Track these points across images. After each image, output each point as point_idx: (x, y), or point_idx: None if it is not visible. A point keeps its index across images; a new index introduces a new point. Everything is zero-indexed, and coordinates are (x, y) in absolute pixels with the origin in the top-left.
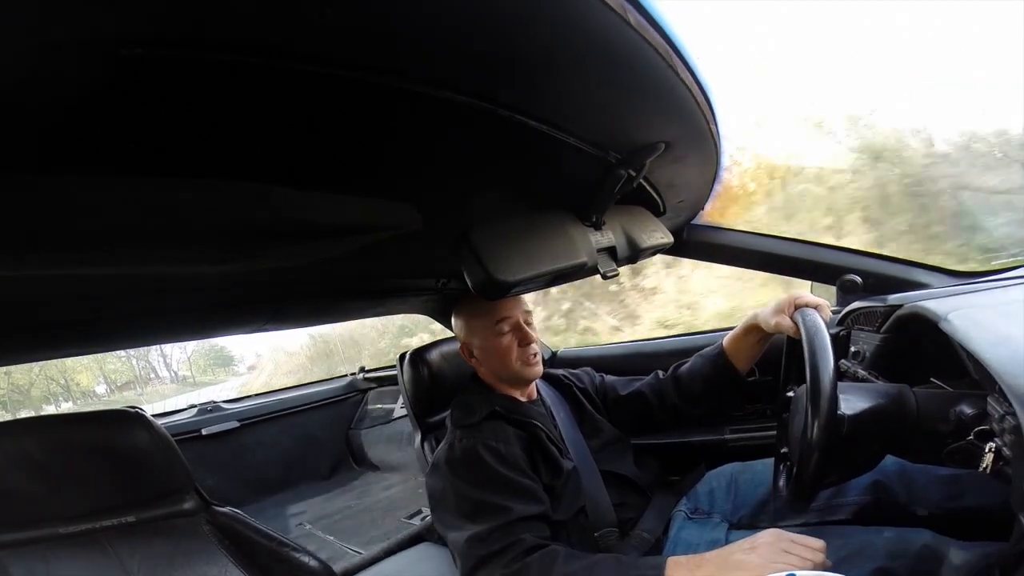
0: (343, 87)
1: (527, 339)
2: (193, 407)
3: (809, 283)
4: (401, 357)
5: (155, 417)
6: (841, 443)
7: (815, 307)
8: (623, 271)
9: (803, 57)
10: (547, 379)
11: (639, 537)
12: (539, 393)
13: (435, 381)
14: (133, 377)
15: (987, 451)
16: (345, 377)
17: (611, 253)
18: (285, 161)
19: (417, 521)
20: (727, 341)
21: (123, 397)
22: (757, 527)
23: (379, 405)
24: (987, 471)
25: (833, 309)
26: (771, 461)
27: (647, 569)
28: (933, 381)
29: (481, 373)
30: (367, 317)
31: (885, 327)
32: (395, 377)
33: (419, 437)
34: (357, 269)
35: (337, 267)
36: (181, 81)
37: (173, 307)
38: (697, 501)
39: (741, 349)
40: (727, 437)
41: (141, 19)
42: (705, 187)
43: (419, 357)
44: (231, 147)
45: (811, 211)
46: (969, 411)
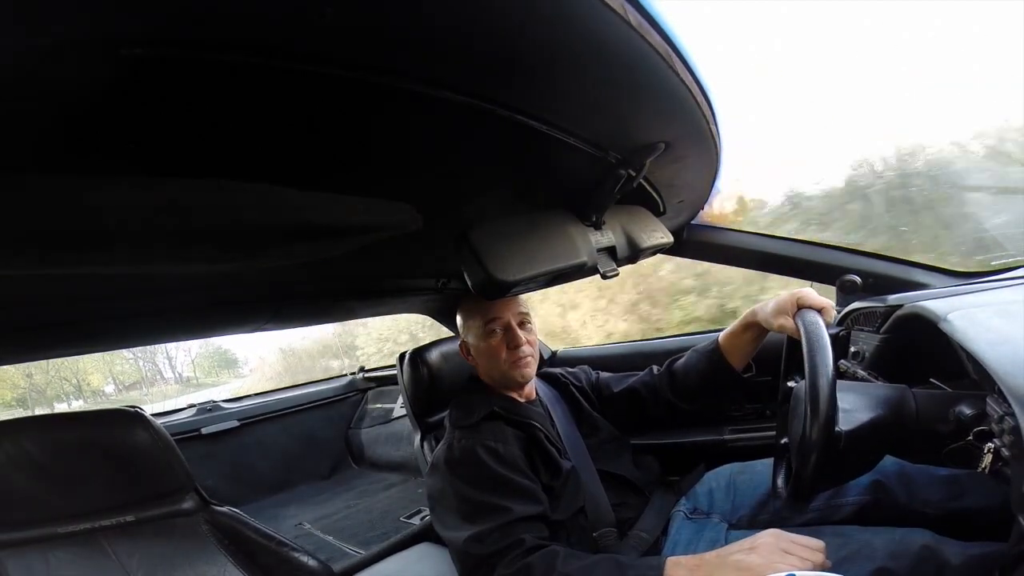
0: (343, 87)
1: (516, 341)
2: (193, 407)
3: (809, 283)
4: (401, 357)
5: (155, 417)
6: (839, 454)
7: (819, 308)
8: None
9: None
10: (545, 378)
11: (638, 537)
12: (537, 393)
13: (434, 381)
14: (139, 378)
15: (986, 451)
16: (345, 377)
17: (611, 253)
18: (285, 161)
19: (416, 521)
20: (723, 337)
21: (129, 396)
22: (756, 527)
23: (379, 405)
24: (986, 471)
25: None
26: (770, 462)
27: (646, 569)
28: (932, 381)
29: (479, 373)
30: (367, 317)
31: (885, 327)
32: (395, 377)
33: (418, 437)
34: (357, 269)
35: (337, 267)
36: (181, 81)
37: (173, 307)
38: (696, 501)
39: (737, 345)
40: (726, 437)
41: (141, 19)
42: (705, 187)
43: (419, 357)
44: (231, 147)
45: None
46: (968, 411)
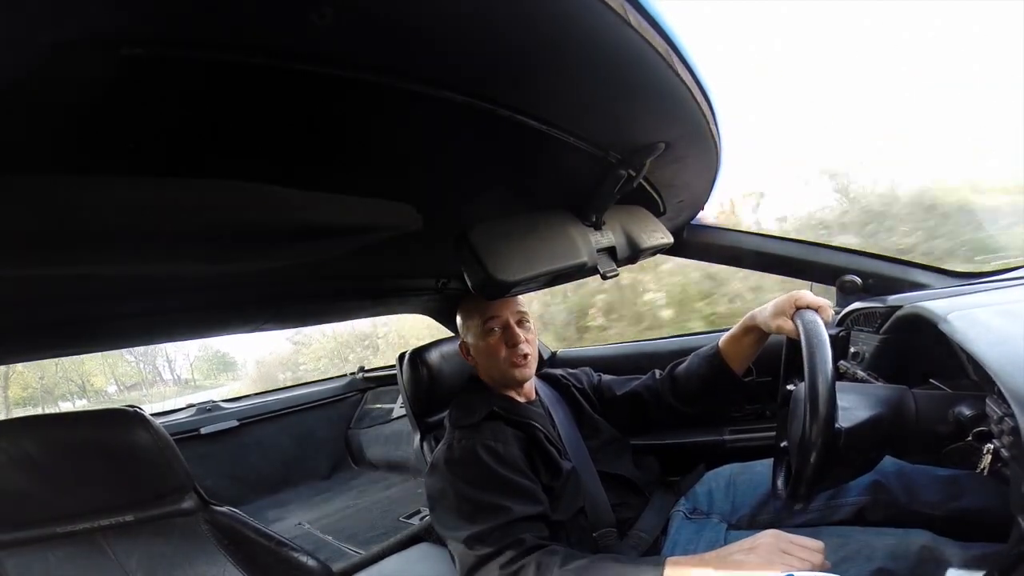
0: (343, 87)
1: (514, 340)
2: (192, 406)
3: (809, 284)
4: (401, 357)
5: (154, 416)
6: (839, 453)
7: (816, 308)
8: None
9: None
10: (545, 379)
11: (637, 537)
12: (537, 394)
13: (434, 381)
14: (140, 379)
15: (985, 452)
16: (344, 376)
17: (611, 253)
18: (285, 161)
19: (416, 521)
20: (723, 341)
21: (130, 397)
22: (756, 528)
23: (378, 405)
24: (985, 472)
25: (833, 309)
26: (770, 462)
27: (646, 569)
28: (932, 382)
29: (479, 373)
30: (367, 317)
31: (885, 328)
32: (394, 377)
33: (418, 437)
34: (357, 269)
35: (337, 267)
36: (181, 81)
37: (173, 307)
38: (696, 501)
39: (738, 349)
40: (726, 438)
41: (141, 19)
42: (705, 187)
43: (418, 357)
44: (231, 147)
45: None
46: (968, 412)
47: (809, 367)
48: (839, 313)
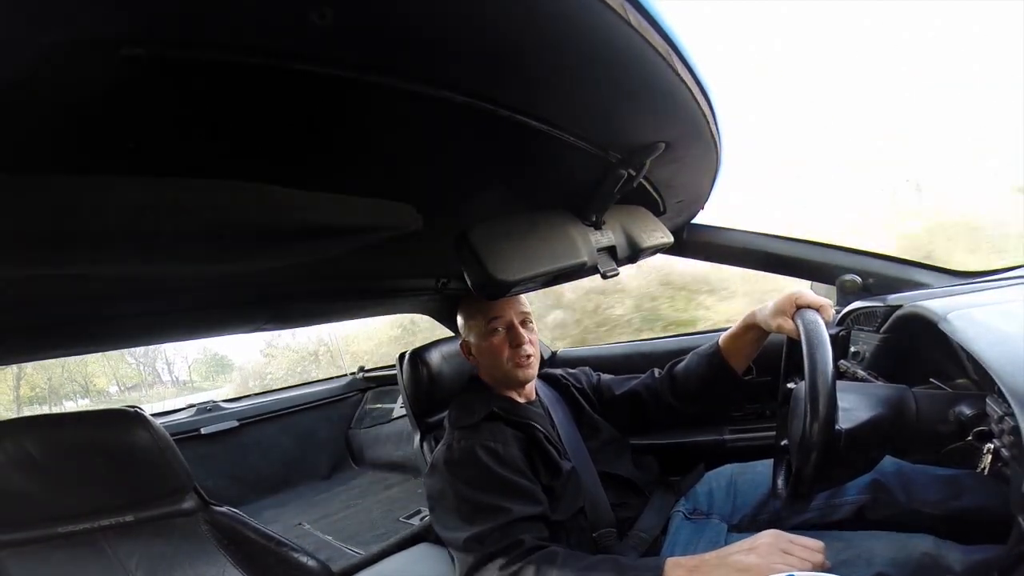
0: (343, 87)
1: (519, 340)
2: (192, 407)
3: (809, 283)
4: (401, 357)
5: (154, 416)
6: (839, 453)
7: (817, 307)
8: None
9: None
10: (545, 379)
11: (637, 537)
12: (537, 394)
13: (434, 381)
14: (140, 381)
15: (986, 452)
16: (345, 376)
17: (611, 253)
18: (285, 161)
19: (416, 521)
20: (723, 340)
21: (130, 397)
22: (756, 528)
23: (378, 405)
24: (985, 471)
25: (833, 309)
26: (770, 462)
27: (645, 570)
28: (932, 381)
29: (480, 373)
30: (367, 317)
31: (885, 327)
32: (394, 377)
33: (418, 437)
34: (357, 269)
35: (337, 267)
36: (181, 81)
37: (173, 307)
38: (696, 502)
39: (737, 348)
40: (726, 438)
41: (142, 19)
42: (705, 187)
43: (419, 357)
44: (231, 147)
45: None
46: (968, 412)
47: (809, 367)
48: (839, 312)
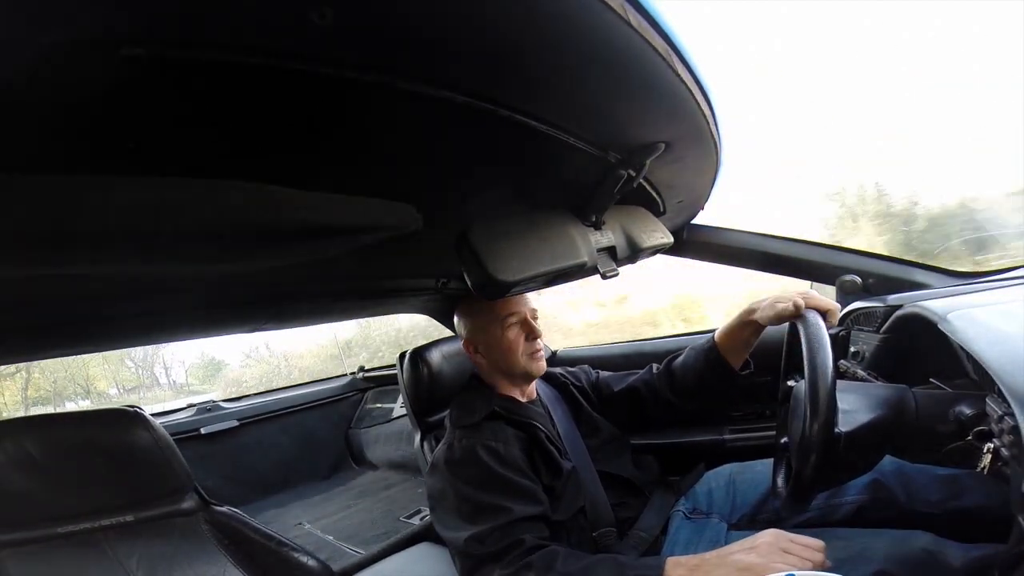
0: (343, 87)
1: (534, 333)
2: (192, 406)
3: (809, 283)
4: (401, 356)
5: (154, 416)
6: (839, 455)
7: (825, 310)
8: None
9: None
10: (545, 378)
11: (637, 537)
12: (538, 393)
13: (435, 380)
14: (139, 383)
15: (985, 451)
16: (345, 376)
17: (611, 253)
18: (285, 161)
19: (416, 521)
20: (719, 335)
21: (129, 398)
22: (756, 527)
23: (379, 404)
24: (985, 471)
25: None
26: (770, 462)
27: (646, 569)
28: (932, 381)
29: (483, 372)
30: (367, 317)
31: (885, 327)
32: (395, 376)
33: (419, 436)
34: (357, 269)
35: (337, 267)
36: (181, 81)
37: (173, 307)
38: (696, 501)
39: (733, 343)
40: (726, 437)
41: (142, 19)
42: (705, 187)
43: (419, 356)
44: (231, 147)
45: None
46: (968, 411)
47: (810, 370)
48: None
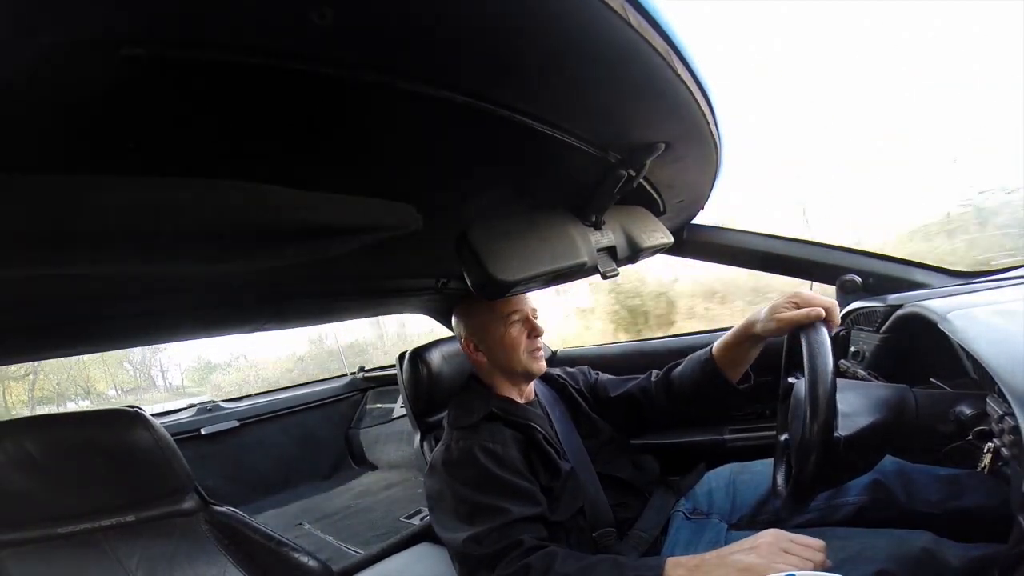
0: (343, 87)
1: (536, 331)
2: (192, 406)
3: (809, 283)
4: (401, 356)
5: (155, 416)
6: (839, 456)
7: (826, 308)
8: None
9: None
10: (543, 379)
11: (637, 537)
12: (536, 394)
13: (434, 381)
14: (136, 385)
15: (986, 451)
16: (345, 376)
17: (611, 253)
18: (285, 161)
19: (416, 521)
20: (716, 348)
21: (127, 399)
22: (756, 527)
23: (379, 404)
24: (986, 471)
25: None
26: (770, 462)
27: (646, 569)
28: (932, 381)
29: (482, 371)
30: (367, 317)
31: (885, 327)
32: (394, 376)
33: (418, 437)
34: (357, 269)
35: (337, 267)
36: (181, 81)
37: (173, 307)
38: (696, 501)
39: (732, 358)
40: (726, 437)
41: (142, 19)
42: (705, 187)
43: (419, 357)
44: (231, 147)
45: None
46: (968, 411)
47: (810, 373)
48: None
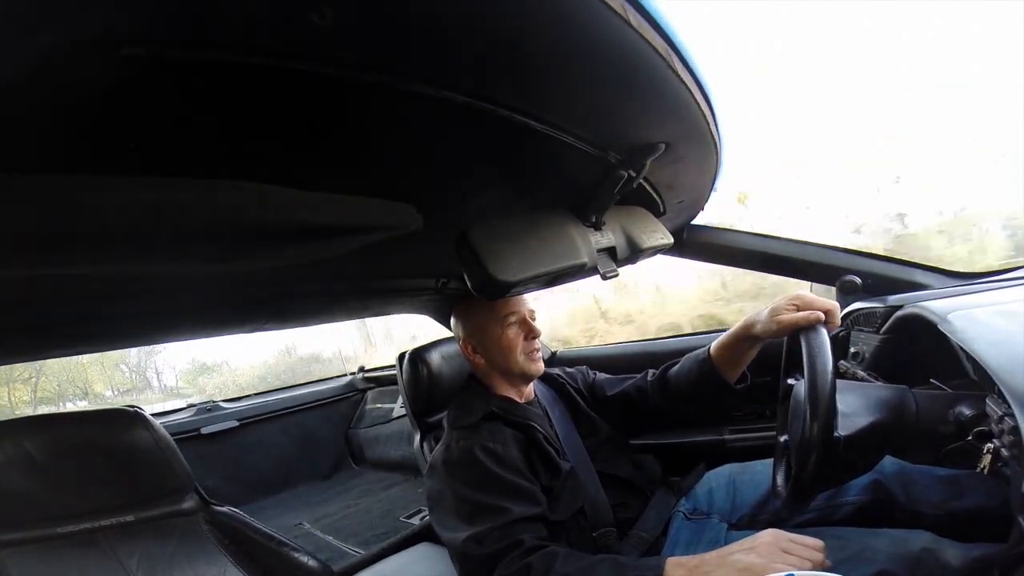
0: (343, 87)
1: (533, 333)
2: (192, 406)
3: (809, 284)
4: (400, 357)
5: (154, 416)
6: (838, 457)
7: (826, 310)
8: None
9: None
10: (543, 379)
11: (637, 537)
12: (536, 394)
13: (434, 381)
14: (132, 387)
15: (986, 452)
16: (344, 376)
17: (611, 253)
18: (285, 161)
19: (416, 521)
20: (715, 348)
21: (124, 399)
22: (756, 527)
23: (378, 404)
24: (985, 471)
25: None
26: (770, 462)
27: (646, 569)
28: (932, 382)
29: (481, 372)
30: (367, 317)
31: (885, 328)
32: (394, 376)
33: (418, 437)
34: (357, 269)
35: (337, 267)
36: (181, 81)
37: (173, 307)
38: (696, 501)
39: (729, 359)
40: (726, 438)
41: (142, 19)
42: (705, 188)
43: (418, 357)
44: (231, 147)
45: None
46: (968, 412)
47: (810, 375)
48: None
